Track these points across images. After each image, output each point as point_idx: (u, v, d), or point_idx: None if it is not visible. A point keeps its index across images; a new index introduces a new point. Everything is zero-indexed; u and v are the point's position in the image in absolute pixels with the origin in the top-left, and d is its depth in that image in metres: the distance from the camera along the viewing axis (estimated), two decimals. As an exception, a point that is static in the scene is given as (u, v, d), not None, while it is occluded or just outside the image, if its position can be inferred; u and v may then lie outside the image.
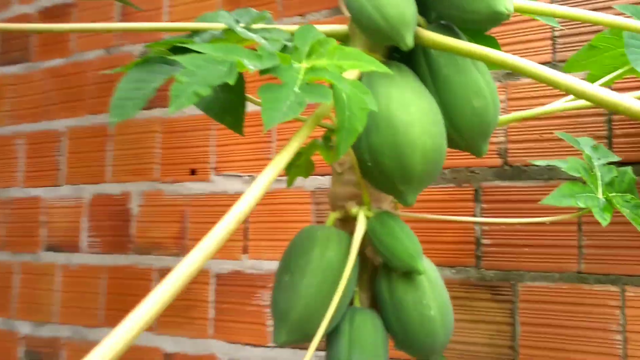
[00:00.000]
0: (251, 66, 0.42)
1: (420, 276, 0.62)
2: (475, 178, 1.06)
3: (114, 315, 1.39)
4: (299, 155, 0.73)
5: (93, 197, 1.46)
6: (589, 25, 1.00)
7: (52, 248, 1.51)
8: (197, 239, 1.32)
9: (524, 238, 1.01)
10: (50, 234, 1.52)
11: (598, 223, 0.94)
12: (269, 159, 1.23)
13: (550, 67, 1.05)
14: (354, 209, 0.63)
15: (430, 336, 0.61)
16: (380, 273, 0.64)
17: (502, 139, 1.04)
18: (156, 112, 1.39)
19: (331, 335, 0.63)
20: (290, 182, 0.77)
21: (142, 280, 1.37)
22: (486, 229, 1.03)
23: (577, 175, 0.70)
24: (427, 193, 1.09)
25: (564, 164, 0.71)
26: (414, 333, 0.61)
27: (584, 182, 0.71)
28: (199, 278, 1.30)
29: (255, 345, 1.23)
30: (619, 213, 0.74)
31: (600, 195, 0.70)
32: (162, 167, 1.37)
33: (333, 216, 0.65)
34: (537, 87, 1.02)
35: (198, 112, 1.34)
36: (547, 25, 1.03)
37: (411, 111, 0.56)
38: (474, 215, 1.05)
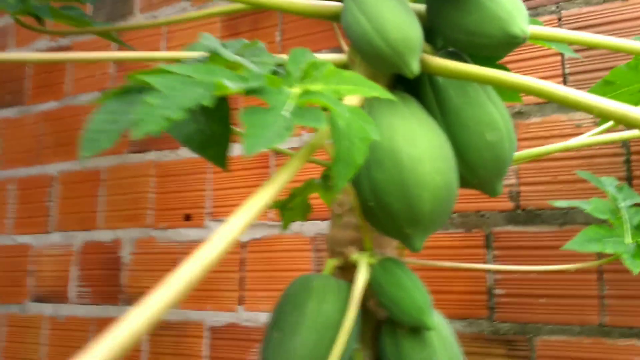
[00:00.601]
0: (233, 86, 0.36)
1: (430, 332, 0.54)
2: (485, 223, 0.99)
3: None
4: (293, 196, 0.66)
5: (83, 245, 1.40)
6: (601, 61, 0.95)
7: (39, 299, 1.44)
8: (189, 289, 1.25)
9: (540, 287, 0.93)
10: (38, 284, 1.45)
11: (620, 271, 0.87)
12: (267, 204, 1.17)
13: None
14: (354, 255, 0.57)
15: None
16: (384, 329, 0.56)
17: (513, 181, 0.98)
18: (151, 155, 1.34)
19: None
20: (285, 226, 0.71)
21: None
22: (499, 278, 0.96)
23: (602, 217, 0.64)
24: (434, 239, 1.02)
25: (587, 205, 0.64)
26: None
27: (611, 226, 0.64)
28: (192, 331, 1.22)
29: (251, 405, 1.14)
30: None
31: (629, 239, 0.63)
32: (156, 213, 1.31)
33: (331, 263, 0.58)
34: (548, 126, 0.96)
35: (194, 155, 1.28)
36: (556, 61, 0.98)
37: (419, 145, 0.50)
38: (485, 263, 0.98)
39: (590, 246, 0.61)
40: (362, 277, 0.54)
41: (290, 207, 0.70)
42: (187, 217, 1.27)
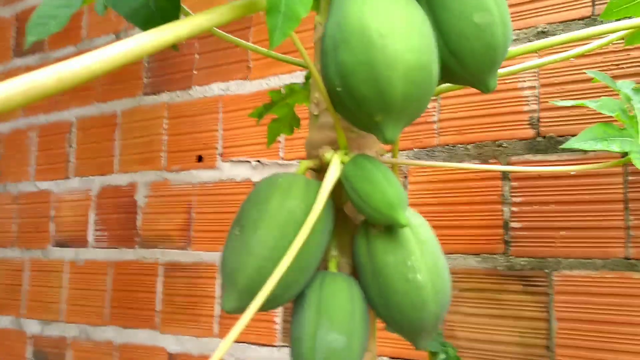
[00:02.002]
0: None
1: (406, 232, 0.49)
2: (503, 153, 0.92)
3: (119, 314, 1.31)
4: (272, 103, 0.61)
5: (101, 189, 1.39)
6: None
7: (60, 244, 1.45)
8: (202, 231, 1.23)
9: (560, 219, 0.86)
10: (58, 229, 1.46)
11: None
12: (279, 142, 1.13)
13: (589, 21, 0.91)
14: (327, 154, 0.52)
15: (417, 307, 0.48)
16: (358, 231, 0.52)
17: (534, 106, 0.90)
18: (164, 97, 1.31)
19: (296, 304, 0.51)
20: (270, 141, 0.66)
21: (148, 276, 1.27)
22: (516, 211, 0.90)
23: (611, 114, 0.57)
24: (447, 172, 0.96)
25: (594, 103, 0.57)
26: (397, 302, 0.48)
27: (621, 126, 0.57)
28: (205, 273, 1.20)
29: (262, 345, 1.11)
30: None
31: (641, 140, 0.56)
32: (169, 155, 1.29)
33: (304, 165, 0.53)
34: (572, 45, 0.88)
35: (207, 93, 1.25)
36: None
37: (390, 20, 0.44)
38: (502, 196, 0.91)
39: (594, 144, 0.54)
40: (332, 173, 0.49)
41: (276, 119, 0.65)
42: (200, 159, 1.24)
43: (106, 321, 1.33)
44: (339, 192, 0.52)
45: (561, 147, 0.56)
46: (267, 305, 0.48)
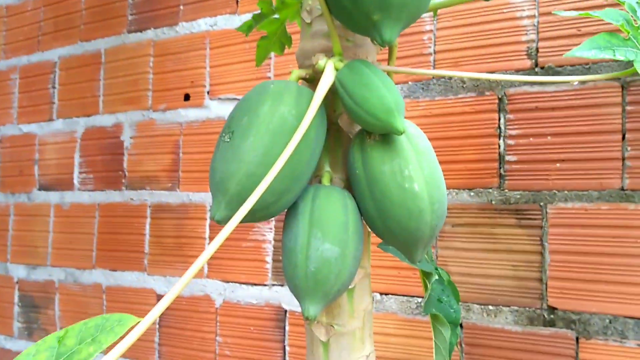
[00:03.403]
0: None
1: (403, 142, 0.47)
2: (499, 84, 0.90)
3: (106, 256, 1.29)
4: (261, 15, 0.58)
5: (86, 131, 1.36)
6: None
7: (45, 187, 1.42)
8: (190, 171, 1.20)
9: (556, 152, 0.85)
10: (43, 172, 1.43)
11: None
12: (268, 77, 1.09)
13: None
14: (321, 60, 0.49)
15: (413, 216, 0.46)
16: (353, 141, 0.49)
17: (532, 36, 0.88)
18: (149, 34, 1.27)
19: (288, 216, 0.50)
20: (259, 60, 0.63)
21: (135, 218, 1.25)
22: (512, 144, 0.88)
23: (615, 23, 0.54)
24: (442, 105, 0.94)
25: (598, 12, 0.54)
26: (393, 212, 0.46)
27: (625, 36, 0.55)
28: (194, 214, 1.18)
29: (252, 284, 1.10)
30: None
31: (645, 50, 0.54)
32: (155, 95, 1.25)
33: (296, 74, 0.51)
34: (575, -28, 0.85)
35: (194, 29, 1.21)
36: None
37: None
38: (498, 128, 0.89)
39: (597, 53, 0.52)
40: (326, 78, 0.46)
41: (266, 36, 0.62)
42: (187, 97, 1.21)
43: (93, 264, 1.31)
44: (332, 104, 0.50)
45: (565, 55, 0.54)
46: (258, 214, 0.46)
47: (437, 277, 0.61)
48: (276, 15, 0.59)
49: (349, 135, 0.52)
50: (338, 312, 0.52)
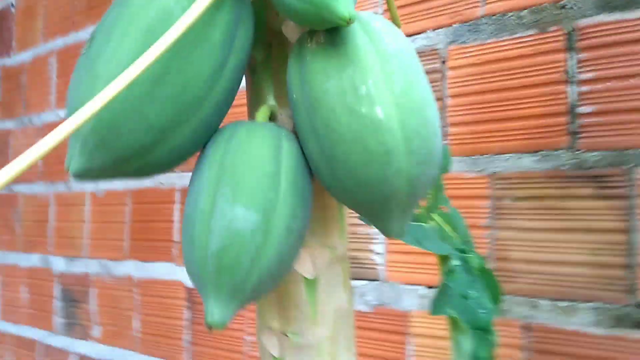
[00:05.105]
0: None
1: (359, 42, 0.30)
2: (567, 16, 0.70)
3: (137, 247, 1.19)
4: None
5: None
6: None
7: (81, 174, 1.34)
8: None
9: (646, 97, 0.64)
10: (79, 159, 1.35)
11: None
12: None
13: None
14: None
15: (375, 161, 0.29)
16: (291, 53, 0.33)
17: (609, -51, 0.67)
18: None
19: (195, 168, 0.34)
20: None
21: (165, 204, 1.14)
22: (585, 91, 0.67)
23: None
24: (496, 49, 0.74)
25: None
26: (342, 157, 0.30)
27: None
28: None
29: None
30: None
31: None
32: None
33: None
34: None
35: None
36: None
37: None
38: (566, 72, 0.69)
39: None
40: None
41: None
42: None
43: (125, 255, 1.21)
44: (270, 6, 0.34)
45: None
46: (134, 163, 0.31)
47: (460, 262, 0.43)
48: None
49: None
50: (295, 315, 0.35)
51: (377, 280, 0.83)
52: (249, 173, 0.30)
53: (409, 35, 0.82)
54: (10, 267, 1.50)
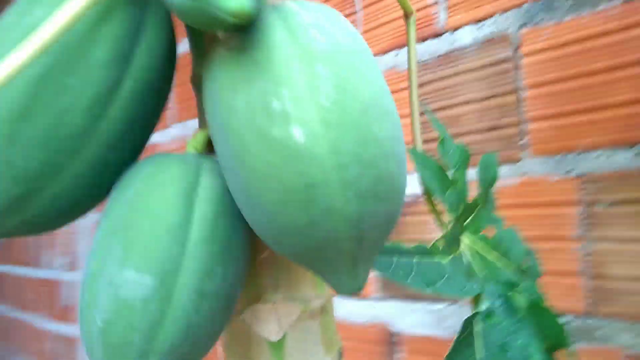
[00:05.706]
0: None
1: (276, 41, 0.22)
2: (661, -22, 0.57)
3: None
4: None
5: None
6: None
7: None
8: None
9: None
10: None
11: None
12: None
13: None
14: None
15: (295, 199, 0.21)
16: (206, 61, 0.26)
17: None
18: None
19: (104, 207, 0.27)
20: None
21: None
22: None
23: None
24: (576, 28, 0.63)
25: None
26: (256, 193, 0.22)
27: None
28: None
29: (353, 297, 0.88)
30: None
31: None
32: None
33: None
34: None
35: None
36: None
37: None
38: (665, 47, 0.56)
39: None
40: None
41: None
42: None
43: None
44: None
45: None
46: (8, 221, 0.25)
47: (500, 302, 0.34)
48: None
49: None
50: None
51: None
52: (146, 226, 0.24)
53: (473, 23, 0.72)
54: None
